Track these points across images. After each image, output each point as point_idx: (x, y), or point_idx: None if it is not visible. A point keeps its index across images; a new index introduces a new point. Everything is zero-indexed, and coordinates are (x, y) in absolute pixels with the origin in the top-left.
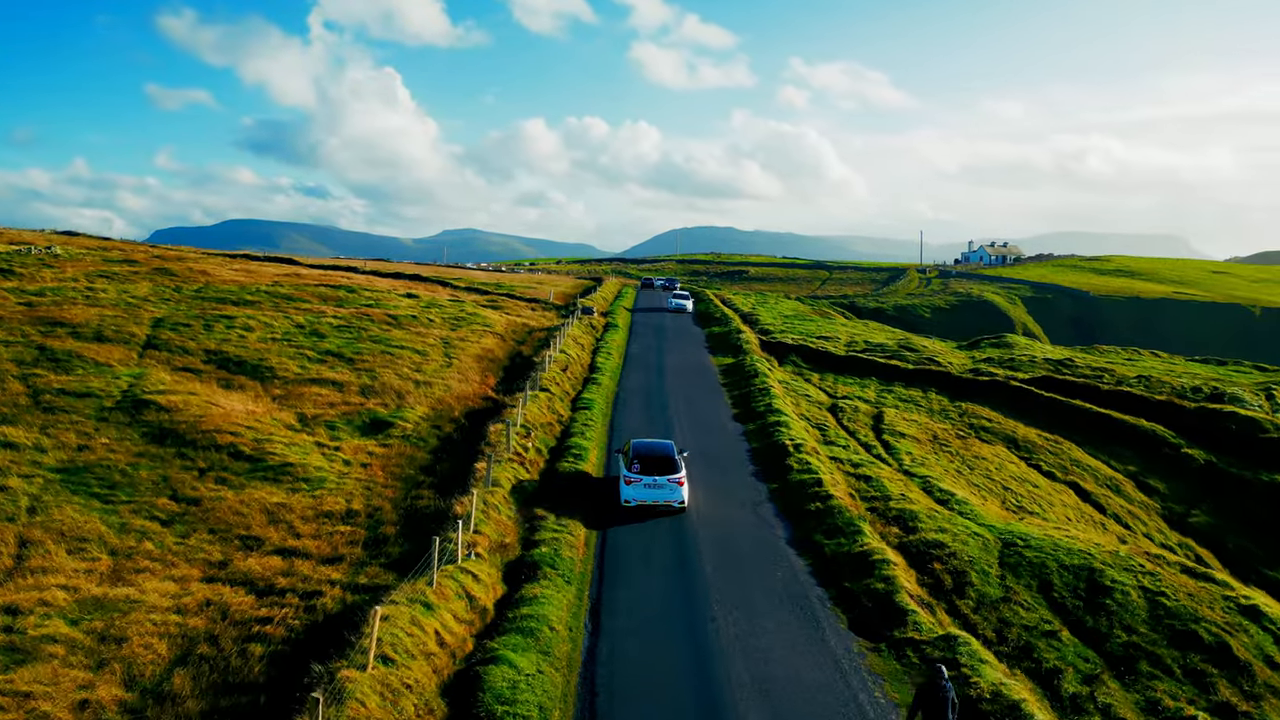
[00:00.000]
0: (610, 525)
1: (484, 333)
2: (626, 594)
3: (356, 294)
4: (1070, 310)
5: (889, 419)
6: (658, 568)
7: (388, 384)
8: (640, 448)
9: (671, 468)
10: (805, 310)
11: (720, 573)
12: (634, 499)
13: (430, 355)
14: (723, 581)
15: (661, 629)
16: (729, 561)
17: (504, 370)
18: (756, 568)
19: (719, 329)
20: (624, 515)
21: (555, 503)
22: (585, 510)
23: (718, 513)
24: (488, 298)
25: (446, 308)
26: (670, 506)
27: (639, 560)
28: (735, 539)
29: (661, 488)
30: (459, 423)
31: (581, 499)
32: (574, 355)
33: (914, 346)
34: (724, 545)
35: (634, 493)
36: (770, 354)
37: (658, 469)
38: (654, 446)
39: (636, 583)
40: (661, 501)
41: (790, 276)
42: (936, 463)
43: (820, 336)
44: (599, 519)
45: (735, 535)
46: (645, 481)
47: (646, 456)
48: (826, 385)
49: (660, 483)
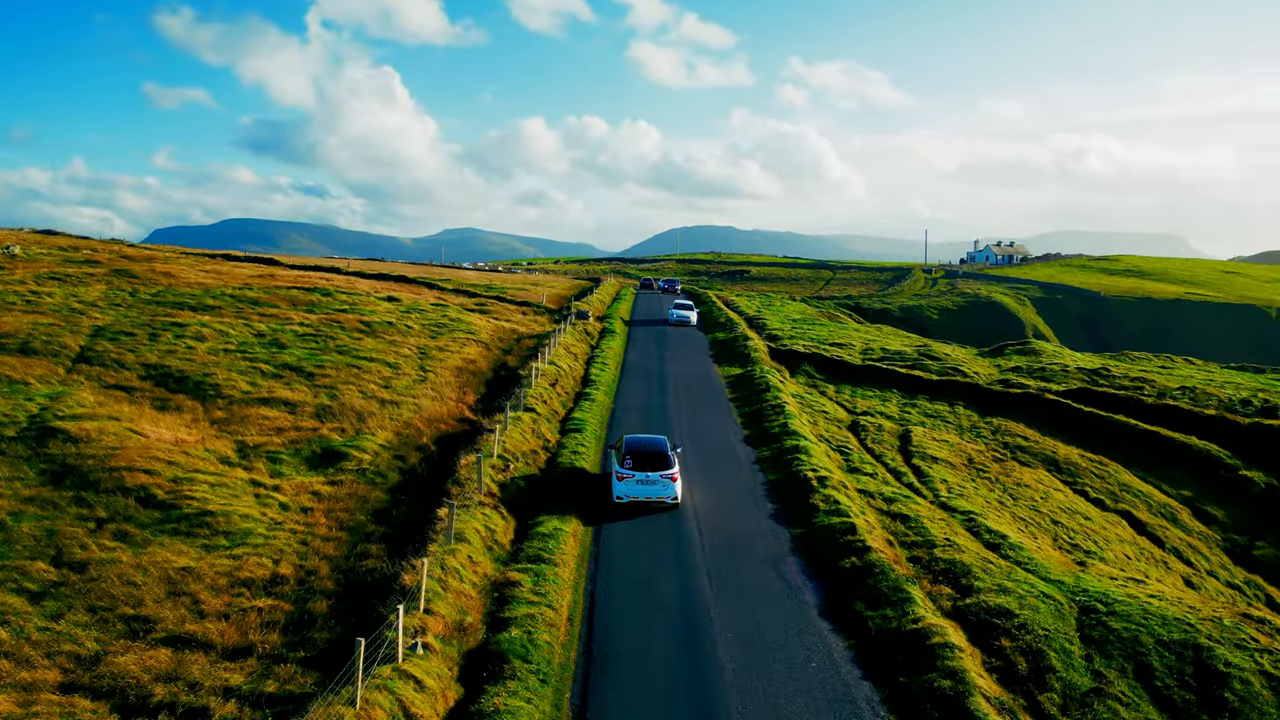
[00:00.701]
0: (600, 592)
1: (466, 341)
2: (618, 700)
3: (332, 298)
4: (1080, 311)
5: (917, 439)
6: (658, 661)
7: (348, 404)
8: (633, 443)
9: (664, 463)
10: (813, 313)
11: (745, 674)
12: (626, 495)
13: (403, 368)
14: (747, 682)
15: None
16: (753, 648)
17: (486, 385)
18: (786, 656)
19: (724, 334)
20: (618, 554)
21: (534, 558)
22: (573, 568)
23: (736, 575)
24: (475, 301)
25: (428, 313)
26: (663, 502)
27: (636, 649)
28: (758, 614)
29: (654, 483)
30: (427, 451)
31: (569, 553)
32: (565, 367)
33: (935, 354)
34: (746, 625)
35: (626, 489)
36: (781, 363)
37: (650, 464)
38: (647, 442)
39: (631, 685)
40: (654, 498)
41: (793, 277)
42: (976, 493)
43: (834, 343)
44: (587, 581)
45: (757, 608)
46: (638, 477)
47: (639, 452)
48: (845, 399)
49: (653, 478)
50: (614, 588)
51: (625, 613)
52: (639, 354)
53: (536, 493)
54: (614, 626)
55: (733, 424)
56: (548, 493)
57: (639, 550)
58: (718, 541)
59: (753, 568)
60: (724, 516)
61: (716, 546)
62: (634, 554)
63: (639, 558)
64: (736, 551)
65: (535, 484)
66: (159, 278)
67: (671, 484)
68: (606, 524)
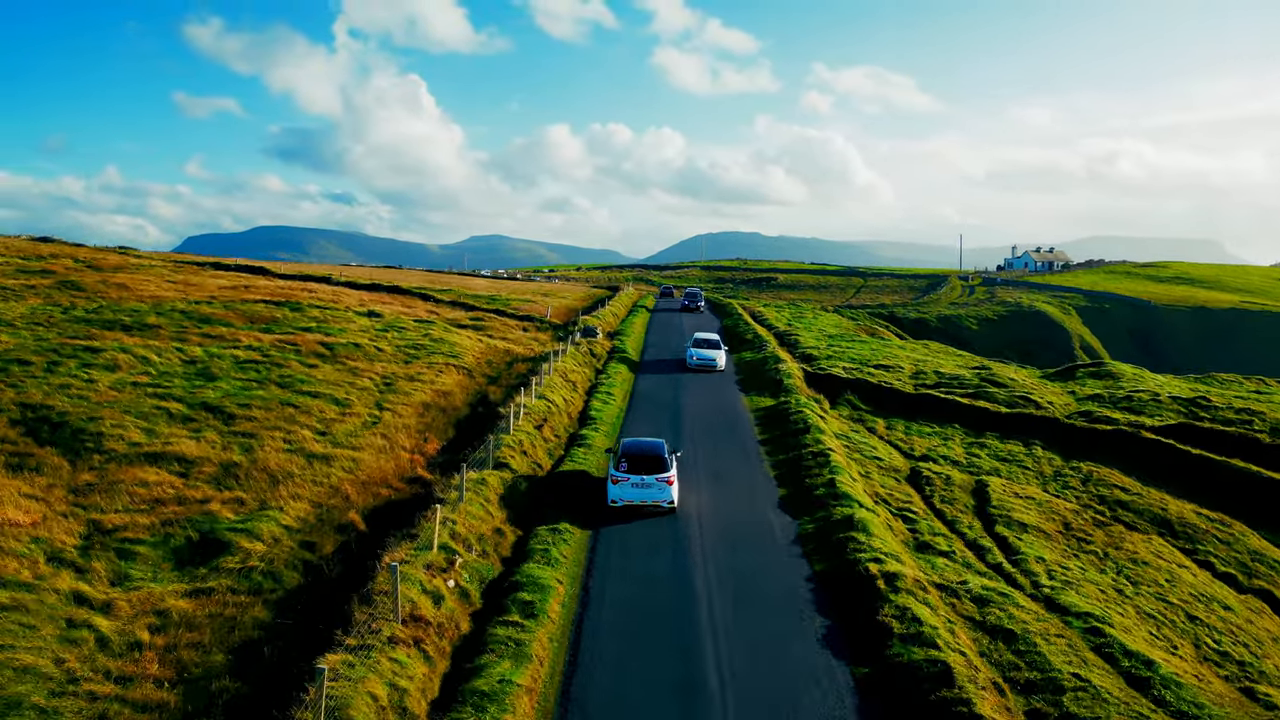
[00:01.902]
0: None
1: (445, 367)
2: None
3: (301, 313)
4: (1130, 322)
5: (996, 495)
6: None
7: (263, 461)
8: (630, 446)
9: (660, 466)
10: (849, 327)
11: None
12: (621, 499)
13: (354, 406)
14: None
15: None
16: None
17: (457, 426)
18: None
19: (751, 354)
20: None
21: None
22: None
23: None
24: (471, 315)
25: (409, 331)
26: (659, 506)
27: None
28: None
29: (649, 487)
30: (350, 534)
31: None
32: (559, 401)
33: (999, 379)
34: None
35: (621, 492)
36: (819, 391)
37: (646, 468)
38: (644, 445)
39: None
40: (650, 501)
41: (822, 284)
42: (1085, 576)
43: (879, 365)
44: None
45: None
46: (633, 481)
47: (635, 455)
48: (899, 437)
49: (648, 482)
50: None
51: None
52: (652, 381)
53: (491, 606)
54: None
55: (764, 479)
56: (503, 609)
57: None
58: (745, 693)
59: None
60: (754, 639)
61: (742, 699)
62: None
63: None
64: (783, 708)
65: (491, 591)
66: (109, 290)
67: (668, 488)
68: (583, 670)
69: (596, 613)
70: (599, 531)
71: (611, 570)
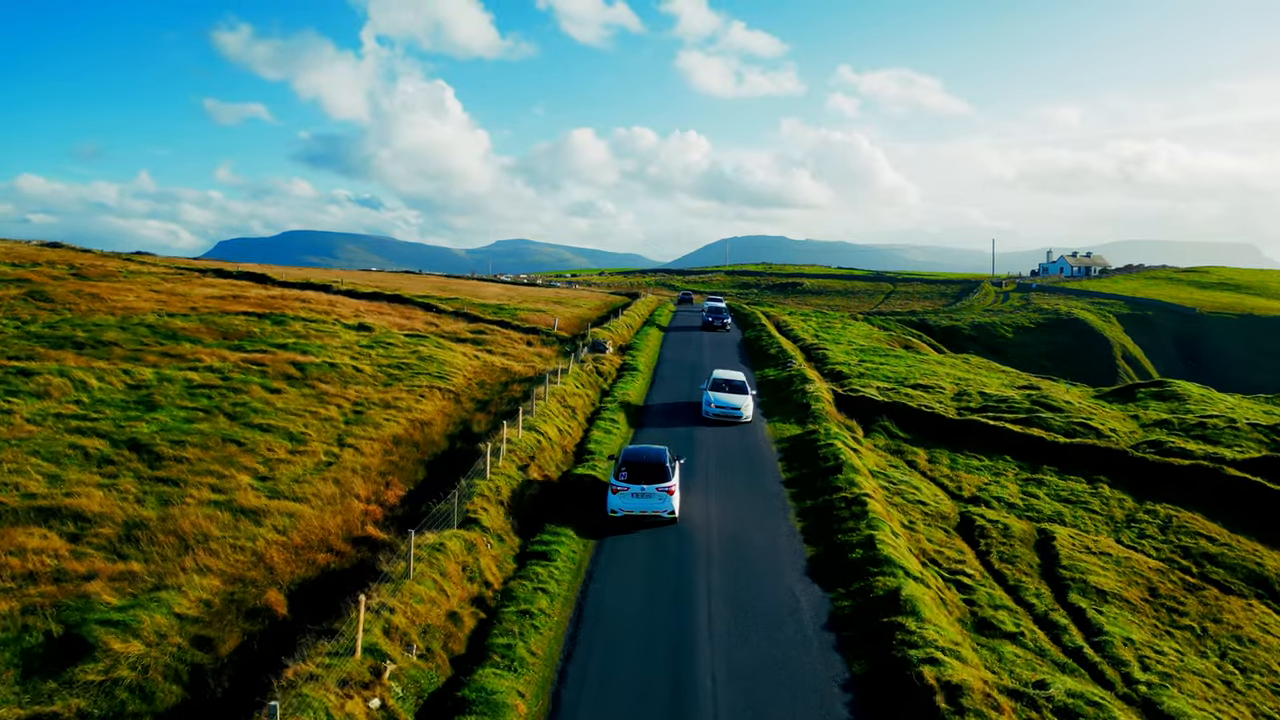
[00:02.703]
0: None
1: (428, 390)
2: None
3: (283, 327)
4: (1175, 330)
5: (1065, 549)
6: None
7: (178, 519)
8: (630, 454)
9: (661, 476)
10: (880, 338)
11: None
12: (621, 509)
13: (310, 442)
14: None
15: None
16: None
17: (431, 465)
18: None
19: (775, 372)
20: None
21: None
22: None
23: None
24: (473, 327)
25: (396, 347)
26: (659, 517)
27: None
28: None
29: (650, 497)
30: (260, 624)
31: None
32: (553, 434)
33: (1052, 402)
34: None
35: (621, 502)
36: (851, 415)
37: (646, 477)
38: (645, 453)
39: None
40: (650, 511)
41: (849, 290)
42: (1184, 664)
43: (917, 384)
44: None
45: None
46: (633, 490)
47: (635, 464)
48: (943, 472)
49: (649, 491)
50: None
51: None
52: (664, 402)
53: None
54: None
55: (789, 534)
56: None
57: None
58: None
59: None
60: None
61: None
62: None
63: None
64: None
65: (431, 709)
66: (80, 302)
67: (668, 498)
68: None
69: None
70: (581, 611)
71: (591, 676)
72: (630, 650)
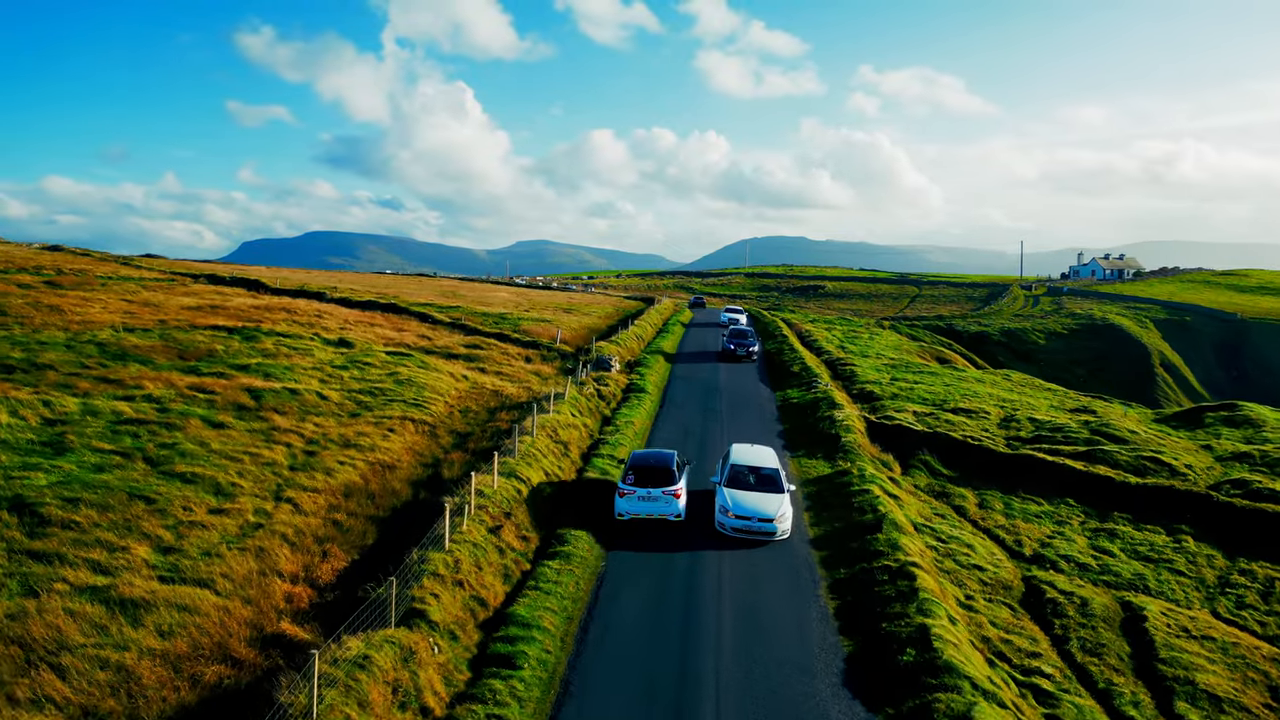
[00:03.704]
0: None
1: (401, 422)
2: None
3: (254, 342)
4: (1215, 336)
5: (1159, 635)
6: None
7: (31, 619)
8: (638, 458)
9: (668, 479)
10: (911, 349)
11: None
12: (628, 512)
13: (239, 496)
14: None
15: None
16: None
17: (385, 524)
18: None
19: (799, 393)
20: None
21: None
22: None
23: None
24: (469, 340)
25: (374, 367)
26: (665, 519)
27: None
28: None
29: (657, 500)
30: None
31: None
32: (539, 477)
33: (1114, 430)
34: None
35: (628, 505)
36: (886, 448)
37: (653, 480)
38: (652, 456)
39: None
40: (657, 514)
41: (873, 293)
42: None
43: (957, 407)
44: None
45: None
46: (640, 494)
47: (642, 467)
48: (997, 521)
49: (655, 495)
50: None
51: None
52: (672, 437)
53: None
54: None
55: (819, 619)
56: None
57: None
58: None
59: None
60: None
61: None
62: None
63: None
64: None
65: None
66: (35, 314)
67: (675, 500)
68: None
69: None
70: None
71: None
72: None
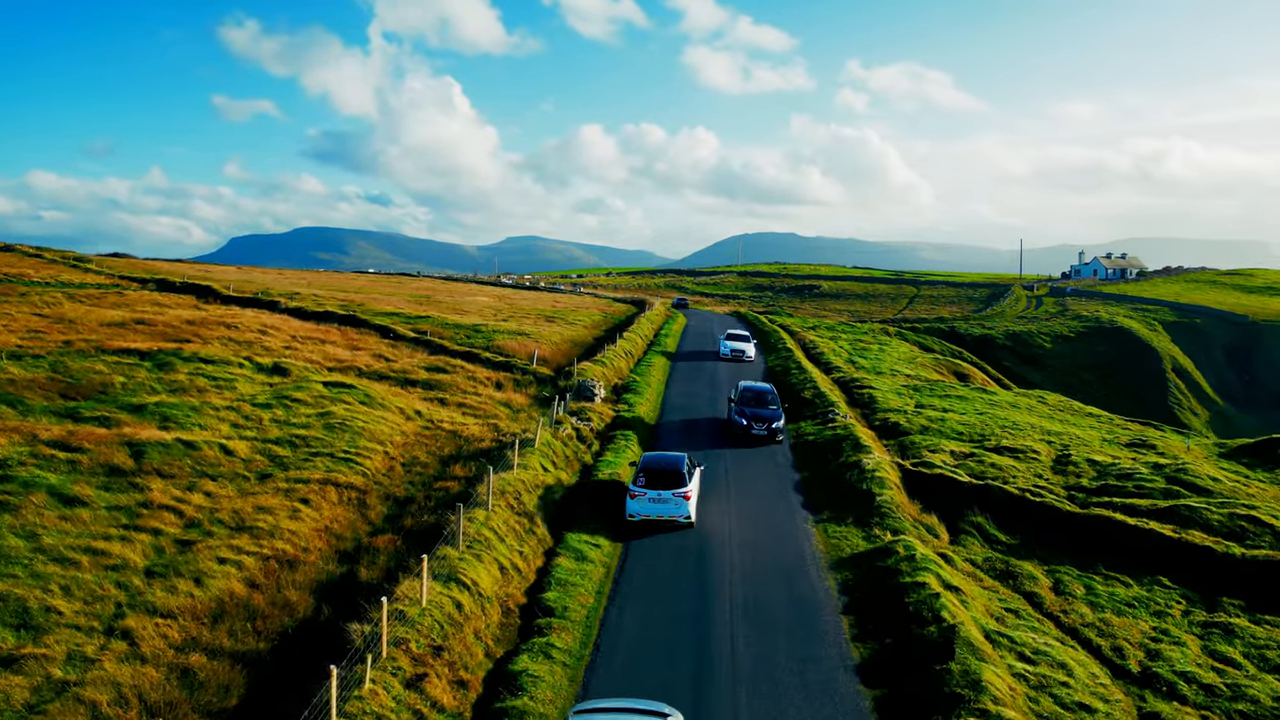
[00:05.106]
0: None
1: (320, 486)
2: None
3: (164, 371)
4: (1226, 339)
5: None
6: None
7: None
8: (649, 460)
9: (679, 481)
10: (926, 361)
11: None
12: (638, 513)
13: (50, 630)
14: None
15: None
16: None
17: (262, 665)
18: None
19: (814, 428)
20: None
21: None
22: None
23: None
24: (434, 361)
25: (305, 405)
26: (675, 521)
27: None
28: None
29: (666, 502)
30: None
31: None
32: (489, 580)
33: (1190, 475)
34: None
35: (638, 507)
36: (926, 504)
37: (663, 483)
38: (663, 459)
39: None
40: (667, 516)
41: (870, 293)
42: None
43: (1001, 446)
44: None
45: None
46: (650, 495)
47: (653, 470)
48: (1080, 615)
49: (665, 497)
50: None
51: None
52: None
53: None
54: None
55: None
56: None
57: None
58: None
59: None
60: None
61: None
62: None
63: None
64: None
65: None
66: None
67: (685, 503)
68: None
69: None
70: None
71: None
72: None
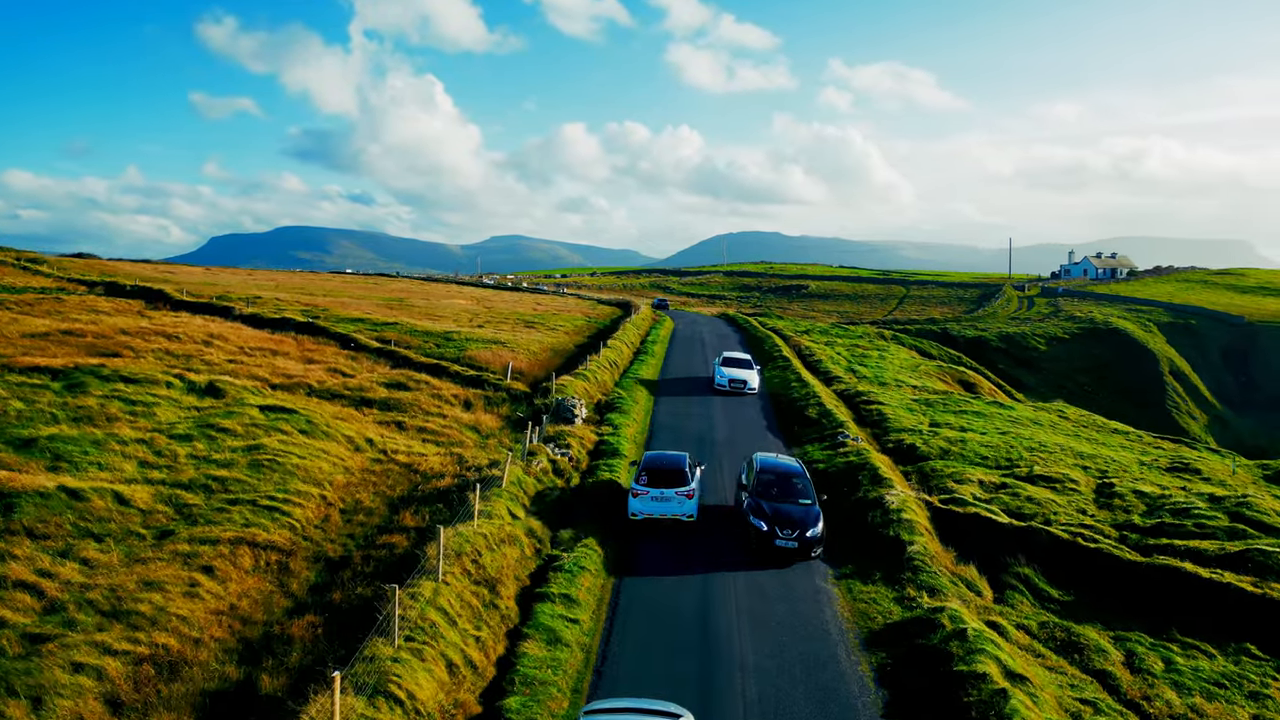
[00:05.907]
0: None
1: (235, 547)
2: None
3: (74, 395)
4: (1222, 340)
5: None
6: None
7: None
8: (651, 459)
9: (681, 480)
10: (929, 370)
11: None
12: (641, 512)
13: None
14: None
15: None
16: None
17: None
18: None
19: (822, 452)
20: None
21: None
22: None
23: None
24: (396, 376)
25: (233, 435)
26: (678, 520)
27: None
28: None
29: (669, 500)
30: None
31: None
32: (433, 686)
33: (1253, 510)
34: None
35: (641, 505)
36: (962, 552)
37: (666, 481)
38: (665, 458)
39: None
40: (669, 515)
41: (858, 294)
42: None
43: (1034, 474)
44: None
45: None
46: (653, 494)
47: (656, 469)
48: (1167, 704)
49: (668, 495)
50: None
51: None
52: (655, 557)
53: None
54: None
55: None
56: None
57: None
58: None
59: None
60: None
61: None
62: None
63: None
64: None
65: None
66: None
67: (688, 501)
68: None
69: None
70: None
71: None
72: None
